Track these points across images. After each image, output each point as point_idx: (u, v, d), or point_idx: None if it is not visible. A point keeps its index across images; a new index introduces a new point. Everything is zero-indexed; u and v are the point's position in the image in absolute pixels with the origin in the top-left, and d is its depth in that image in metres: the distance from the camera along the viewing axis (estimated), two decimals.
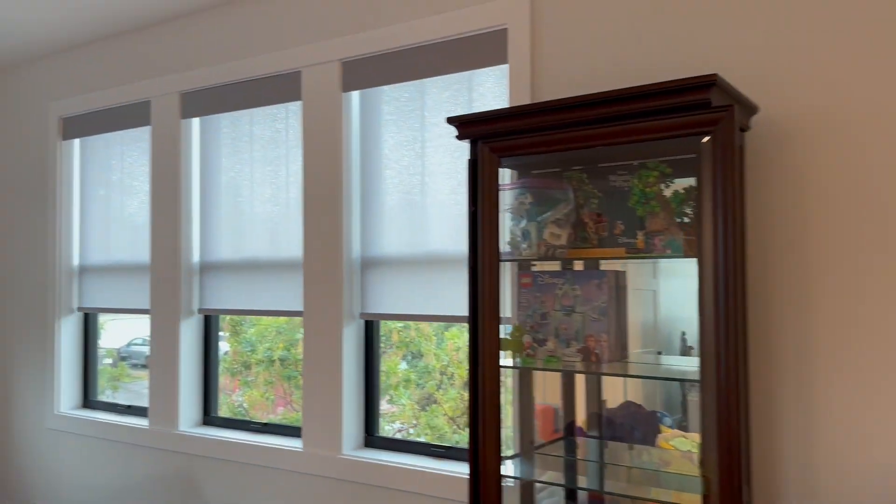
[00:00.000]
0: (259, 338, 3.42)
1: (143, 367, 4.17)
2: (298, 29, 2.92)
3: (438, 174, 2.63)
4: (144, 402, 3.60)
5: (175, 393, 3.22)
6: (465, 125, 1.99)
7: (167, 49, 3.31)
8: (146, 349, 4.20)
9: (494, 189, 1.95)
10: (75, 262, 3.74)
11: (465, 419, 2.86)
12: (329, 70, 2.81)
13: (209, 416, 3.30)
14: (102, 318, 3.81)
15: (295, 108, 2.99)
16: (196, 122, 3.29)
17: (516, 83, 2.37)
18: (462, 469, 2.52)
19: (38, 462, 3.78)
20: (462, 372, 2.91)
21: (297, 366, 3.41)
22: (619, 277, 2.04)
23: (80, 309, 3.72)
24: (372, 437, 2.83)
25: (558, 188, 2.01)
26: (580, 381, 2.23)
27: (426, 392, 2.96)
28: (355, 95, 2.83)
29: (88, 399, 3.76)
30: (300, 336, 3.26)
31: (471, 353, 1.99)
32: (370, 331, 2.86)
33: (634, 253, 1.85)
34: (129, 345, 4.15)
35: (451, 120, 2.01)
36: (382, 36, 2.69)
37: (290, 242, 3.00)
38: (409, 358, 2.98)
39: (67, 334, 3.72)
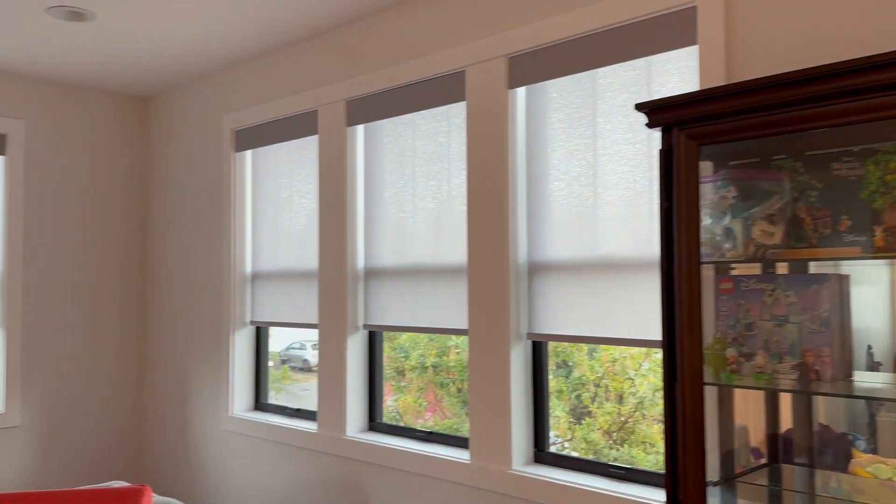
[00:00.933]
0: (412, 344, 3.38)
1: (302, 370, 4.28)
2: (462, 27, 2.83)
3: (611, 174, 2.43)
4: (305, 404, 3.65)
5: (342, 399, 3.23)
6: (658, 111, 1.78)
7: (333, 57, 3.35)
8: (304, 353, 4.30)
9: (692, 181, 1.73)
10: (248, 269, 3.88)
11: (621, 435, 2.65)
12: (494, 67, 2.69)
13: (374, 421, 3.28)
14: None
15: (458, 121, 2.90)
16: (360, 129, 3.30)
17: (708, 65, 2.13)
18: (651, 495, 2.29)
19: (214, 462, 3.95)
20: (617, 385, 2.71)
21: (448, 372, 3.33)
22: (843, 282, 1.74)
23: (252, 322, 3.86)
24: (542, 454, 2.67)
25: (769, 178, 1.75)
26: (785, 400, 1.94)
27: (580, 404, 2.80)
28: (521, 94, 2.69)
29: (259, 402, 3.89)
30: (452, 343, 3.18)
31: (666, 367, 1.77)
32: (537, 347, 2.70)
33: (872, 253, 1.56)
34: (288, 348, 4.27)
35: (640, 106, 1.81)
36: (550, 27, 2.53)
37: (453, 248, 2.91)
38: (555, 368, 2.82)
39: (241, 345, 3.87)
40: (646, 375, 2.70)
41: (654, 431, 2.60)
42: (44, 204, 4.10)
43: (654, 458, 2.55)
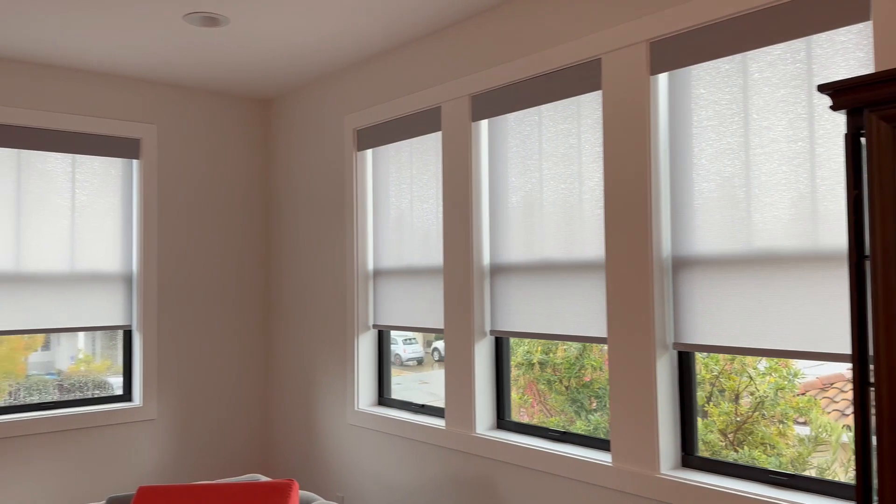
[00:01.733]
0: (518, 341, 3.33)
1: (393, 364, 4.27)
2: (597, 13, 2.73)
3: (770, 174, 2.28)
4: (421, 399, 3.65)
5: (470, 397, 3.20)
6: (845, 92, 1.64)
7: (457, 52, 3.32)
8: (396, 347, 4.27)
9: (889, 166, 1.58)
10: (370, 266, 3.92)
11: (739, 436, 2.50)
12: (634, 53, 2.58)
13: (502, 419, 3.23)
14: None
15: (590, 101, 2.81)
16: (485, 124, 3.26)
17: (885, 43, 1.95)
18: None
19: (339, 455, 4.01)
20: (732, 385, 2.58)
21: (555, 370, 3.25)
22: None
23: (375, 326, 3.89)
24: (690, 457, 2.55)
25: None
26: None
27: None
28: (663, 82, 2.57)
29: (383, 396, 3.92)
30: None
31: (856, 370, 1.63)
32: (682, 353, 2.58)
33: None
34: (407, 342, 4.28)
35: (823, 87, 1.67)
36: (696, 7, 2.40)
37: (585, 243, 2.82)
38: None
39: (365, 345, 3.91)
40: (765, 374, 2.55)
41: (773, 432, 2.46)
42: (175, 206, 4.28)
43: (774, 461, 2.41)
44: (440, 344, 4.02)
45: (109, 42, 3.50)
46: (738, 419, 2.60)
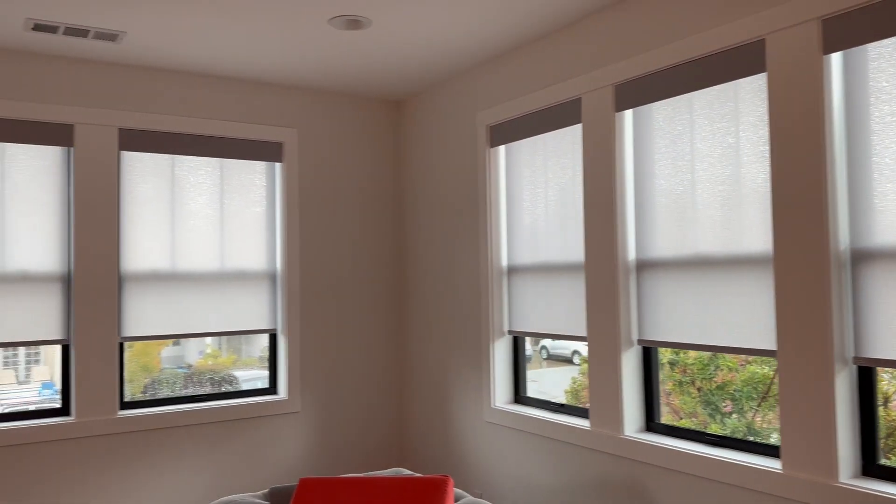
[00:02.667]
0: None
1: (560, 360, 4.20)
2: None
3: None
4: (549, 396, 3.58)
5: (617, 399, 3.11)
6: None
7: (599, 42, 3.23)
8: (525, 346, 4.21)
9: None
10: (504, 263, 3.89)
11: (888, 442, 2.30)
12: (806, 31, 2.41)
13: (652, 421, 3.12)
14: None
15: (751, 84, 2.65)
16: (629, 113, 3.15)
17: None
18: None
19: (475, 452, 4.01)
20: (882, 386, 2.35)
21: (685, 370, 3.13)
22: None
23: (510, 332, 3.86)
24: (871, 466, 2.35)
25: None
26: None
27: None
28: (836, 59, 2.38)
29: (519, 395, 3.88)
30: None
31: None
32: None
33: None
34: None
35: None
36: None
37: (745, 235, 2.66)
38: None
39: (500, 346, 3.89)
40: None
41: None
42: (314, 207, 4.42)
43: None
44: (548, 341, 3.95)
45: (254, 50, 3.65)
46: (891, 422, 2.41)
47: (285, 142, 4.32)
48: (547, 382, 3.91)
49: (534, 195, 3.69)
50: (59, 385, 3.81)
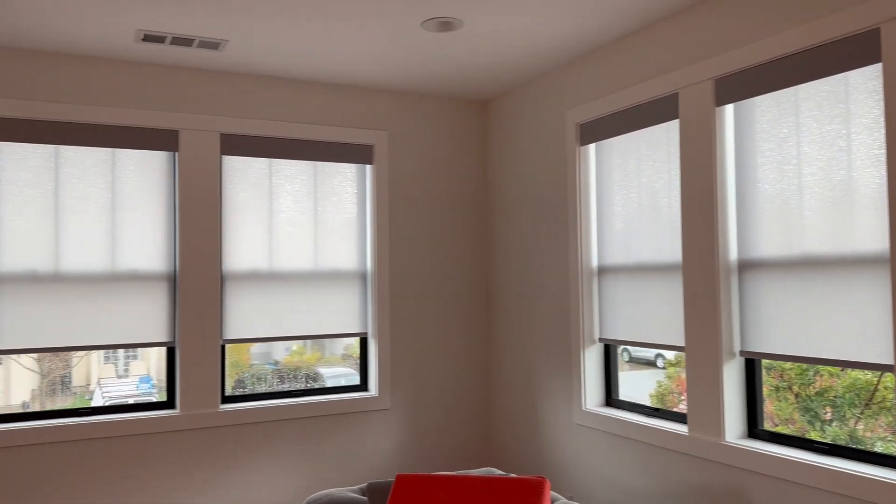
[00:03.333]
0: None
1: (643, 363, 4.11)
2: None
3: None
4: (634, 400, 3.49)
5: (718, 404, 3.01)
6: None
7: (697, 35, 3.14)
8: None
9: None
10: (594, 264, 3.84)
11: None
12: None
13: (755, 428, 3.00)
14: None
15: (861, 76, 2.51)
16: (730, 108, 3.05)
17: None
18: None
19: (564, 455, 3.97)
20: None
21: (782, 375, 3.01)
22: None
23: (601, 340, 3.80)
24: None
25: None
26: None
27: None
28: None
29: (610, 397, 3.81)
30: None
31: None
32: None
33: None
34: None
35: None
36: None
37: (857, 234, 2.53)
38: None
39: (591, 350, 3.83)
40: None
41: None
42: (403, 209, 4.48)
43: None
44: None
45: (347, 54, 3.73)
46: None
47: (376, 144, 4.40)
48: (630, 385, 3.83)
49: (626, 193, 3.62)
50: (156, 379, 4.00)
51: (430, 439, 4.50)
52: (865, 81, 2.52)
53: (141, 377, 4.03)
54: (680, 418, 3.34)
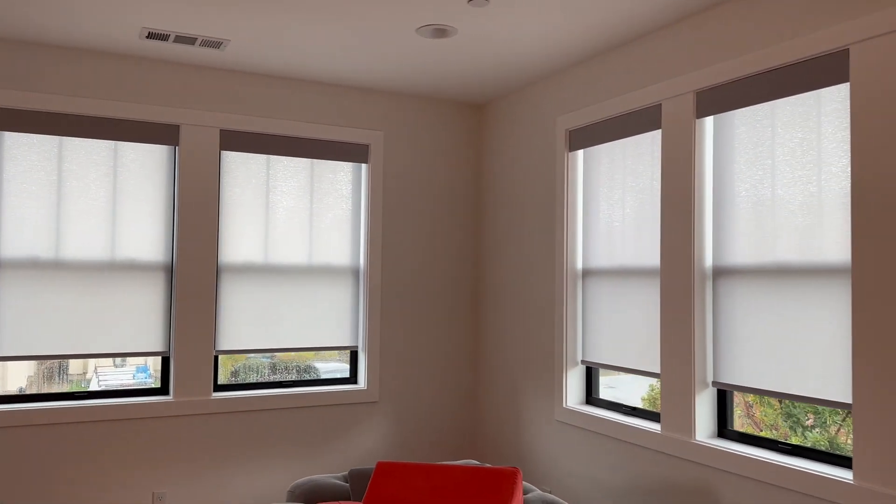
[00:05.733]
0: None
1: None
2: (843, 3, 2.56)
3: None
4: (620, 398, 3.61)
5: (690, 404, 3.13)
6: None
7: (680, 49, 3.26)
8: None
9: None
10: (578, 266, 3.96)
11: None
12: (887, 42, 2.39)
13: (724, 428, 3.13)
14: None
15: (832, 94, 2.63)
16: (710, 120, 3.17)
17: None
18: None
19: (546, 450, 4.09)
20: None
21: None
22: None
23: (583, 362, 3.93)
24: None
25: None
26: None
27: None
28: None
29: (591, 396, 3.93)
30: None
31: None
32: None
33: None
34: None
35: None
36: None
37: (823, 245, 2.65)
38: None
39: (572, 349, 3.96)
40: None
41: None
42: (397, 207, 4.61)
43: None
44: None
45: (346, 56, 3.85)
46: None
47: (371, 143, 4.52)
48: (624, 389, 3.94)
49: (610, 199, 3.74)
50: (152, 370, 4.12)
51: (417, 432, 4.62)
52: (835, 90, 2.64)
53: (138, 367, 4.14)
54: (655, 417, 3.46)
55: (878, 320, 2.41)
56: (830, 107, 2.65)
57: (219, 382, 4.21)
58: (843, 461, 2.65)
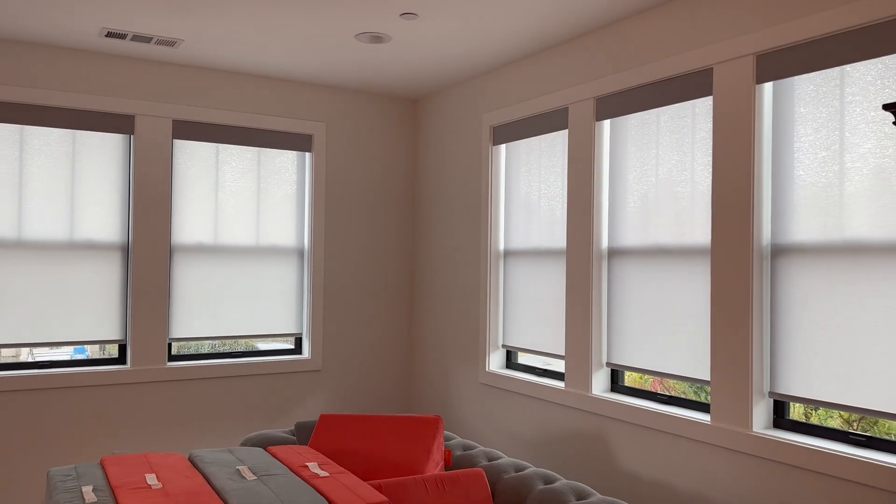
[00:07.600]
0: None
1: None
2: (709, 28, 3.10)
3: None
4: (548, 366, 4.17)
5: (588, 365, 3.68)
6: None
7: (583, 60, 3.77)
8: None
9: None
10: (501, 248, 4.47)
11: None
12: (742, 65, 2.94)
13: (616, 384, 3.69)
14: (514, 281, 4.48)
15: (703, 105, 3.19)
16: (607, 123, 3.70)
17: None
18: None
19: (472, 409, 4.62)
20: None
21: None
22: None
23: (504, 346, 4.45)
24: (782, 420, 2.91)
25: None
26: None
27: None
28: (768, 88, 2.91)
29: (511, 360, 4.47)
30: None
31: None
32: None
33: None
34: None
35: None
36: (803, 24, 2.73)
37: (694, 229, 3.22)
38: None
39: (496, 316, 4.48)
40: None
41: None
42: (339, 194, 5.02)
43: None
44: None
45: (291, 55, 4.23)
46: None
47: (315, 134, 4.92)
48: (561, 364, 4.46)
49: (528, 189, 4.26)
50: (89, 350, 4.39)
51: (357, 396, 5.09)
52: (704, 102, 3.19)
53: (76, 347, 4.37)
54: (560, 377, 4.02)
55: (727, 290, 2.98)
56: (702, 114, 3.21)
57: (172, 353, 4.58)
58: (704, 407, 3.24)
